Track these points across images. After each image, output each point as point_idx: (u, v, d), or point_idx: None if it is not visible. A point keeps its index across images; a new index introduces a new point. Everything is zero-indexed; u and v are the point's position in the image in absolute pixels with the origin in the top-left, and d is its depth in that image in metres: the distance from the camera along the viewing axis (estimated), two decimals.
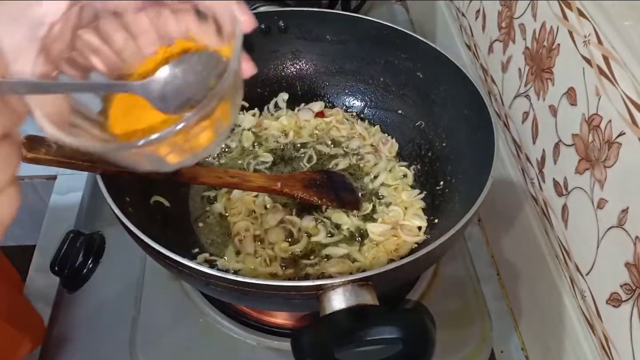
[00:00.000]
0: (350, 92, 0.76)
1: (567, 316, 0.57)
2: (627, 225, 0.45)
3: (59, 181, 0.80)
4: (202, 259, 0.59)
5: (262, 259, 0.60)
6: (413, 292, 0.64)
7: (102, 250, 0.69)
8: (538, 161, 0.61)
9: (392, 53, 0.70)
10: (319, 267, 0.59)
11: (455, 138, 0.66)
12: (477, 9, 0.76)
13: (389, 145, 0.72)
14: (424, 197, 0.66)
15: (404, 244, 0.61)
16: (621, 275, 0.46)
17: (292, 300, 0.46)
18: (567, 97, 0.54)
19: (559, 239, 0.58)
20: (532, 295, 0.65)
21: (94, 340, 0.62)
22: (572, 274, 0.55)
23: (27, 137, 0.43)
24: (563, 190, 0.56)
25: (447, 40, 0.90)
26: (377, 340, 0.42)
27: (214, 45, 0.38)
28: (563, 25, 0.54)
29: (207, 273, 0.44)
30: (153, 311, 0.62)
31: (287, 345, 0.45)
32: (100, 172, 0.49)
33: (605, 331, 0.50)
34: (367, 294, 0.43)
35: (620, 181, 0.46)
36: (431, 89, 0.68)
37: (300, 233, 0.63)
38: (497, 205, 0.72)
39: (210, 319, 0.61)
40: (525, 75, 0.63)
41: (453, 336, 0.61)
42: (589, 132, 0.50)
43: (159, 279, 0.64)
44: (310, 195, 0.63)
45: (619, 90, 0.45)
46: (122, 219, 0.47)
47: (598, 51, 0.48)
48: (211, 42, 0.38)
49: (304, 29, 0.73)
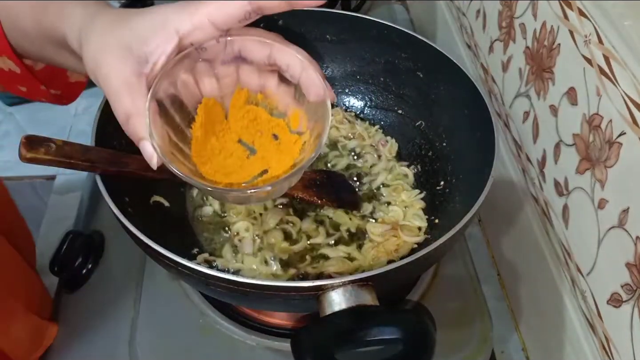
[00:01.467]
0: (350, 92, 0.76)
1: (568, 316, 0.57)
2: (627, 225, 0.45)
3: (59, 181, 0.80)
4: (201, 259, 0.59)
5: (261, 259, 0.60)
6: (413, 292, 0.64)
7: (102, 250, 0.69)
8: (538, 161, 0.61)
9: (392, 53, 0.70)
10: (319, 266, 0.59)
11: (456, 138, 0.66)
12: (478, 8, 0.76)
13: (388, 146, 0.72)
14: (424, 197, 0.66)
15: (404, 244, 0.61)
16: (622, 276, 0.46)
17: (291, 300, 0.46)
18: (568, 96, 0.54)
19: (559, 239, 0.58)
20: (533, 295, 0.65)
21: (94, 340, 0.61)
22: (572, 274, 0.55)
23: (26, 137, 0.43)
24: (564, 190, 0.56)
25: (447, 40, 0.90)
26: (377, 340, 0.42)
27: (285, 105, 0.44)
28: (563, 25, 0.54)
29: (206, 273, 0.44)
30: (153, 311, 0.62)
31: (287, 346, 0.45)
32: (99, 172, 0.49)
33: (606, 331, 0.50)
34: (367, 294, 0.43)
35: (621, 181, 0.46)
36: (431, 88, 0.68)
37: (300, 233, 0.63)
38: (497, 205, 0.72)
39: (210, 319, 0.61)
40: (525, 75, 0.63)
41: (453, 336, 0.61)
42: (589, 132, 0.50)
43: (159, 279, 0.64)
44: (310, 195, 0.63)
45: (620, 90, 0.45)
46: (122, 219, 0.47)
47: (599, 51, 0.48)
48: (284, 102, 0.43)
49: (304, 29, 0.73)
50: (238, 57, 0.42)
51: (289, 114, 0.44)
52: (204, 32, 0.39)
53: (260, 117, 0.44)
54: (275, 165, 0.43)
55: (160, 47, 0.38)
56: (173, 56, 0.39)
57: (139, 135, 0.38)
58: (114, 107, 0.38)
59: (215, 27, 0.38)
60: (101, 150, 0.50)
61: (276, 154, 0.43)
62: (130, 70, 0.38)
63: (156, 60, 0.38)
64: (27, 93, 0.53)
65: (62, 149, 0.45)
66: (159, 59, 0.38)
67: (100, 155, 0.49)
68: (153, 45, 0.38)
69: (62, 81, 0.55)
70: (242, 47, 0.41)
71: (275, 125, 0.44)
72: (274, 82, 0.43)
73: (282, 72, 0.42)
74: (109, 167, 0.49)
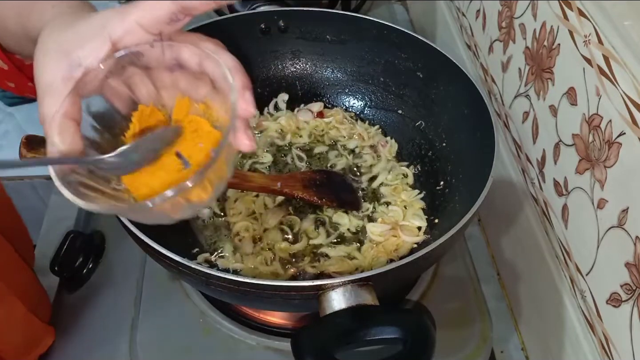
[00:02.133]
0: (350, 92, 0.76)
1: (567, 316, 0.57)
2: (627, 225, 0.45)
3: None
4: (202, 259, 0.59)
5: (262, 258, 0.60)
6: (413, 292, 0.64)
7: (102, 250, 0.69)
8: (538, 161, 0.61)
9: (392, 53, 0.70)
10: (319, 265, 0.59)
11: (455, 138, 0.66)
12: (477, 8, 0.76)
13: (388, 147, 0.72)
14: (423, 197, 0.66)
15: (403, 244, 0.61)
16: (621, 275, 0.46)
17: (292, 300, 0.46)
18: (568, 97, 0.54)
19: (559, 239, 0.58)
20: (532, 295, 0.65)
21: (94, 340, 0.61)
22: (572, 274, 0.55)
23: (26, 137, 0.43)
24: (563, 190, 0.56)
25: (447, 40, 0.90)
26: (377, 340, 0.42)
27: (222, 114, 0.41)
28: (563, 25, 0.54)
29: (207, 273, 0.44)
30: (153, 311, 0.62)
31: (287, 345, 0.46)
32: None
33: (605, 331, 0.50)
34: (367, 294, 0.43)
35: (621, 181, 0.46)
36: (431, 89, 0.68)
37: (300, 233, 0.63)
38: (497, 205, 0.72)
39: (210, 319, 0.61)
40: (525, 75, 0.63)
41: (453, 336, 0.61)
42: (589, 132, 0.50)
43: (159, 279, 0.64)
44: (310, 195, 0.63)
45: (619, 90, 0.45)
46: (122, 219, 0.47)
47: (598, 51, 0.48)
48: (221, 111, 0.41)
49: (304, 29, 0.73)
50: (176, 64, 0.40)
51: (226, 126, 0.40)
52: (134, 36, 0.38)
53: (202, 129, 0.41)
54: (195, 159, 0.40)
55: (94, 51, 0.38)
56: (105, 61, 0.38)
57: (48, 139, 0.38)
58: (39, 107, 0.38)
59: (145, 30, 0.38)
60: None
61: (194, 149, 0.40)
62: (59, 74, 0.38)
63: (88, 64, 0.38)
64: (16, 89, 0.53)
65: None
66: (91, 64, 0.38)
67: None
68: (87, 50, 0.38)
69: None
70: (178, 53, 0.40)
71: (215, 139, 0.40)
72: (209, 91, 0.41)
73: (213, 81, 0.40)
74: None
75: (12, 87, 0.53)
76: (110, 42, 0.38)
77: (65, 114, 0.37)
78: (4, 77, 0.52)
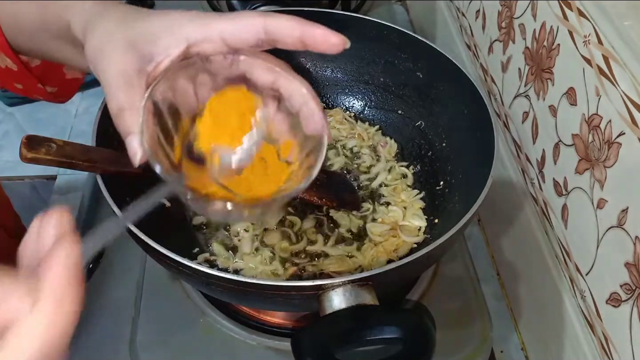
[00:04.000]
0: (350, 92, 0.76)
1: (567, 316, 0.57)
2: (627, 225, 0.45)
3: (59, 181, 0.80)
4: (202, 258, 0.59)
5: (262, 258, 0.60)
6: (413, 292, 0.64)
7: (102, 251, 0.69)
8: (538, 161, 0.61)
9: (391, 53, 0.70)
10: (319, 264, 0.60)
11: (455, 138, 0.66)
12: (477, 9, 0.76)
13: (387, 148, 0.72)
14: (423, 197, 0.66)
15: (403, 244, 0.61)
16: (621, 275, 0.46)
17: (292, 300, 0.46)
18: (567, 97, 0.54)
19: (558, 239, 0.58)
20: (532, 295, 0.65)
21: (94, 340, 0.61)
22: (572, 274, 0.55)
23: (27, 137, 0.43)
24: (563, 190, 0.56)
25: (447, 40, 0.91)
26: (377, 340, 0.42)
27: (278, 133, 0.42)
28: (563, 25, 0.54)
29: (207, 273, 0.44)
30: (153, 311, 0.62)
31: (287, 345, 0.45)
32: (100, 172, 0.49)
33: (605, 331, 0.50)
34: (367, 294, 0.43)
35: (620, 181, 0.46)
36: (431, 89, 0.68)
37: (300, 233, 0.63)
38: (497, 205, 0.72)
39: (210, 319, 0.61)
40: (525, 75, 0.63)
41: (453, 336, 0.61)
42: (588, 132, 0.50)
43: (159, 279, 0.64)
44: (310, 195, 0.63)
45: (619, 90, 0.45)
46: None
47: (598, 51, 0.48)
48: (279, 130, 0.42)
49: None
50: (242, 77, 0.41)
51: (281, 143, 0.43)
52: (212, 46, 0.39)
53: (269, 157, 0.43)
54: (258, 187, 0.41)
55: (168, 49, 0.38)
56: (177, 61, 0.39)
57: (128, 129, 0.38)
58: (108, 99, 0.38)
59: (225, 44, 0.39)
60: (102, 150, 0.50)
61: (261, 176, 0.42)
62: (131, 65, 0.38)
63: (160, 60, 0.38)
64: (24, 90, 0.53)
65: (63, 149, 0.45)
66: (164, 61, 0.38)
67: (101, 155, 0.49)
68: (161, 46, 0.38)
69: (58, 78, 0.55)
70: (249, 68, 0.41)
71: (265, 150, 0.42)
72: (273, 109, 0.42)
73: (283, 100, 0.42)
74: (110, 167, 0.49)
75: (19, 89, 0.53)
76: (186, 44, 0.38)
77: (149, 109, 0.37)
78: (13, 79, 0.51)
